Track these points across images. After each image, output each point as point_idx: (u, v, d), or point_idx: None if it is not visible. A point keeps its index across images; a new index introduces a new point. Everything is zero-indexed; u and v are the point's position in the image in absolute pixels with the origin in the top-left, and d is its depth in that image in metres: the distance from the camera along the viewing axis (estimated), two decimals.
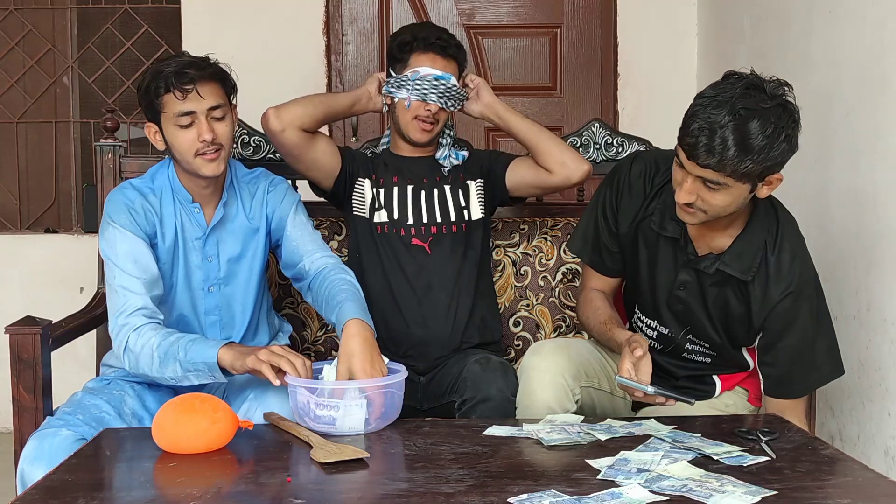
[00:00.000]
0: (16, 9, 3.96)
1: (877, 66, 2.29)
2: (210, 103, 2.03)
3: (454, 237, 2.36)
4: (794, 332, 1.93)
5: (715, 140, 1.69)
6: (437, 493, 1.44)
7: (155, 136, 2.09)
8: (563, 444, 1.67)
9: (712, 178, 1.74)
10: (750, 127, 1.69)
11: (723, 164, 1.71)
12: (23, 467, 1.86)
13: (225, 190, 2.16)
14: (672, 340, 2.05)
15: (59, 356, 2.22)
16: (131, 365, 1.99)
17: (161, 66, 2.04)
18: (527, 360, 2.01)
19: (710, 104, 1.72)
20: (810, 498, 1.42)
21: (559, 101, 3.90)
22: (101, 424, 1.93)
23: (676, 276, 1.98)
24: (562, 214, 2.61)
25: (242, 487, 1.52)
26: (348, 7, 3.84)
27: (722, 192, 1.77)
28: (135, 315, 1.99)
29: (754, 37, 3.07)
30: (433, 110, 2.28)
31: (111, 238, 2.06)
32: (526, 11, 3.88)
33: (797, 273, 1.91)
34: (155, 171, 2.17)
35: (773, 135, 1.70)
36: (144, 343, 1.96)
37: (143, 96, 2.06)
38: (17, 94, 4.01)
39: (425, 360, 2.29)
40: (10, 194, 4.02)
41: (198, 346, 1.93)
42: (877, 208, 2.29)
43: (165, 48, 3.91)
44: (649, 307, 2.06)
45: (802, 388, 1.99)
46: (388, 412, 1.81)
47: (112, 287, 2.04)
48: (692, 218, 1.85)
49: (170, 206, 2.12)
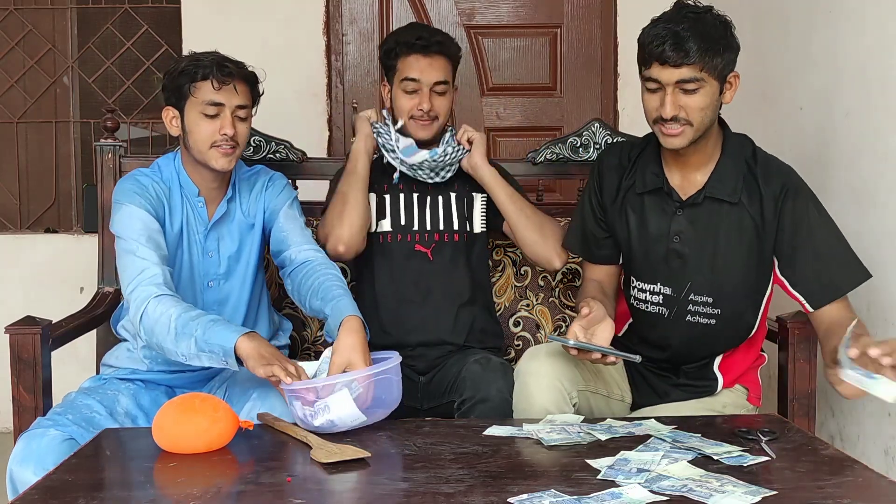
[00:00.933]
0: (16, 9, 3.95)
1: (877, 66, 2.30)
2: (239, 101, 2.07)
3: (455, 245, 2.37)
4: (809, 231, 1.93)
5: (680, 38, 1.83)
6: (437, 493, 1.44)
7: (171, 122, 2.11)
8: (563, 444, 1.67)
9: (688, 75, 1.84)
10: (705, 19, 1.86)
11: (693, 57, 1.83)
12: (11, 468, 1.86)
13: (230, 187, 2.17)
14: (675, 301, 2.01)
15: (59, 356, 2.22)
16: (146, 332, 1.94)
17: (200, 55, 2.08)
18: (523, 366, 2.00)
19: (658, 22, 1.89)
20: (810, 498, 1.42)
21: (559, 101, 3.90)
22: (92, 425, 1.92)
23: (670, 228, 1.99)
24: (562, 214, 2.60)
25: (242, 487, 1.52)
26: (348, 7, 3.84)
27: (700, 94, 1.86)
28: (155, 284, 1.96)
29: (754, 37, 3.07)
30: (425, 108, 2.28)
31: (125, 215, 2.05)
32: (526, 11, 3.88)
33: (786, 172, 1.99)
34: (162, 163, 2.18)
35: (724, 26, 1.88)
36: (164, 312, 1.91)
37: (174, 79, 2.08)
38: (17, 94, 4.01)
39: (425, 359, 2.29)
40: (10, 194, 4.02)
41: (218, 329, 1.88)
42: (877, 208, 2.29)
43: (165, 48, 3.91)
44: (647, 271, 2.04)
45: (843, 282, 1.94)
46: (388, 399, 1.80)
47: (127, 256, 2.00)
48: (681, 139, 1.90)
49: (177, 198, 2.13)
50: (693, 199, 1.98)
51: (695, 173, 1.99)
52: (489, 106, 3.89)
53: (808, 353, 2.17)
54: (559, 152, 2.62)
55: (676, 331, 2.04)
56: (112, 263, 2.57)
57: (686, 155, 1.96)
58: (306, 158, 2.63)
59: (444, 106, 2.32)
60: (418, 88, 2.30)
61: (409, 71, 2.29)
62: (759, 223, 1.95)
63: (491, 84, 3.89)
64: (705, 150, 1.97)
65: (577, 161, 2.61)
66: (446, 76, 2.32)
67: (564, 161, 2.63)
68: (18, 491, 1.81)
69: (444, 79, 2.31)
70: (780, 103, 2.85)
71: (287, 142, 2.62)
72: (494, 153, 3.81)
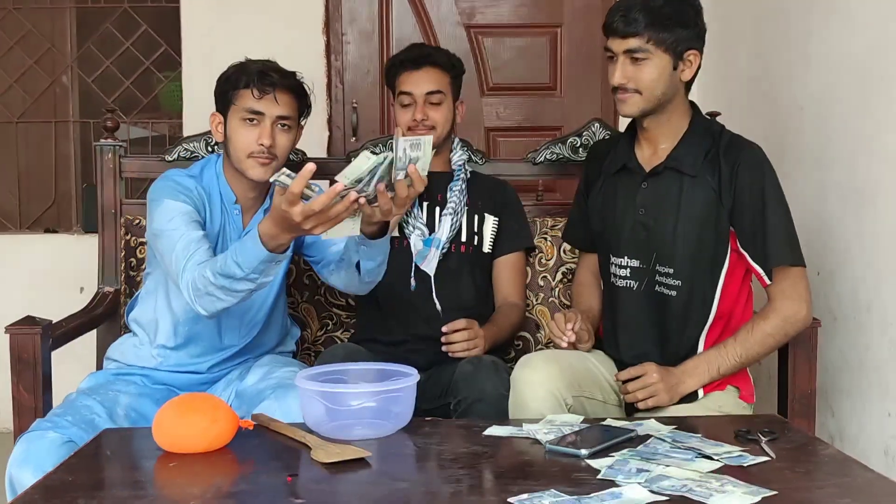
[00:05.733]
0: (15, 8, 3.95)
1: (877, 66, 2.29)
2: (281, 112, 2.06)
3: (461, 257, 2.38)
4: (763, 203, 2.01)
5: (629, 10, 1.98)
6: (437, 493, 1.44)
7: (217, 127, 2.11)
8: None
9: (634, 45, 1.98)
10: None
11: (636, 27, 1.97)
12: (10, 471, 1.85)
13: (268, 197, 2.17)
14: (644, 273, 2.10)
15: (59, 356, 2.22)
16: (202, 304, 1.90)
17: (248, 63, 2.09)
18: (518, 374, 1.99)
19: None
20: (810, 498, 1.42)
21: (559, 101, 3.90)
22: (91, 426, 1.91)
23: (636, 201, 2.11)
24: (562, 214, 2.61)
25: (242, 487, 1.52)
26: (348, 7, 3.84)
27: (648, 65, 2.00)
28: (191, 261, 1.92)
29: (754, 37, 3.07)
30: (419, 118, 2.34)
31: (162, 211, 2.01)
32: (526, 11, 3.88)
33: (748, 147, 2.07)
34: (203, 166, 2.18)
35: (680, 3, 1.99)
36: (202, 277, 1.87)
37: (222, 84, 2.10)
38: (16, 94, 4.00)
39: (425, 355, 2.29)
40: (10, 194, 4.02)
41: (243, 256, 1.80)
42: (877, 208, 2.29)
43: (165, 48, 3.91)
44: (618, 245, 2.15)
45: (786, 254, 2.02)
46: (402, 414, 1.76)
47: (167, 246, 1.96)
48: (630, 106, 2.04)
49: (217, 203, 2.13)
50: (655, 170, 2.09)
51: (660, 147, 2.11)
52: (489, 106, 3.89)
53: (808, 353, 2.18)
54: (559, 152, 2.62)
55: (647, 306, 2.10)
56: (112, 264, 2.57)
57: (650, 129, 2.10)
58: (306, 158, 2.63)
59: (440, 116, 2.36)
60: (412, 101, 2.35)
61: (403, 86, 2.37)
62: (717, 195, 2.03)
63: (491, 84, 3.89)
64: (669, 124, 2.08)
65: (577, 161, 2.60)
66: (439, 86, 2.36)
67: (564, 161, 2.63)
68: (18, 493, 1.80)
69: (437, 88, 2.35)
70: (780, 103, 2.85)
71: None
72: (494, 153, 3.81)
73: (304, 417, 1.76)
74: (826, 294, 2.51)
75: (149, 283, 2.22)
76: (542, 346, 2.52)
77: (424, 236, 2.35)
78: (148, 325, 2.18)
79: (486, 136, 3.86)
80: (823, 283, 2.52)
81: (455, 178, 2.42)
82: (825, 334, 2.34)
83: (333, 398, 1.71)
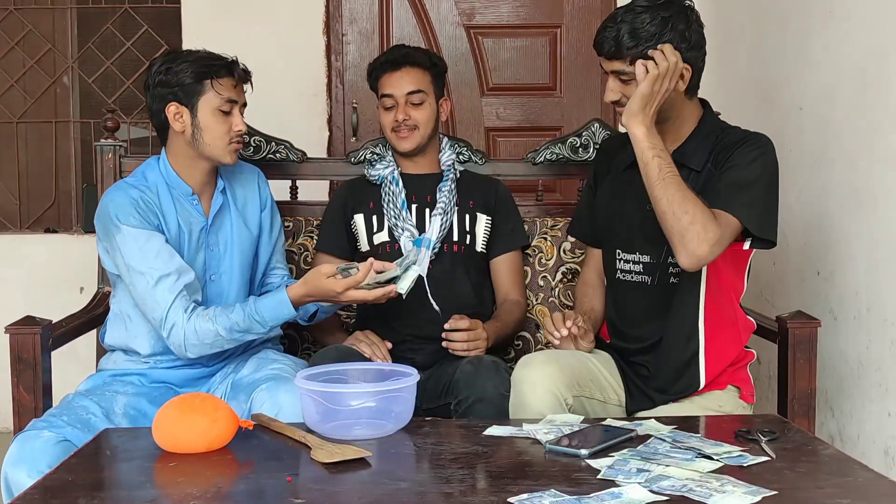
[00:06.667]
0: (16, 9, 3.95)
1: (877, 66, 2.30)
2: (244, 99, 2.16)
3: (454, 256, 2.38)
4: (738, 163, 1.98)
5: (613, 33, 1.96)
6: (437, 493, 1.44)
7: (176, 118, 2.10)
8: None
9: (618, 67, 1.98)
10: (642, 18, 1.95)
11: (620, 52, 1.95)
12: (5, 470, 1.85)
13: (219, 178, 2.20)
14: (656, 267, 2.09)
15: (59, 356, 2.22)
16: (199, 352, 2.06)
17: (212, 54, 2.13)
18: (518, 374, 1.99)
19: (616, 13, 2.00)
20: (810, 498, 1.42)
21: (559, 101, 3.90)
22: (87, 426, 1.91)
23: (645, 199, 2.05)
24: (562, 214, 2.61)
25: (242, 487, 1.52)
26: (348, 7, 3.84)
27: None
28: (175, 311, 2.02)
29: (754, 37, 3.07)
30: (400, 119, 2.35)
31: (124, 242, 2.05)
32: (526, 11, 3.88)
33: (752, 134, 2.05)
34: (145, 169, 2.18)
35: (662, 24, 1.94)
36: (206, 331, 2.02)
37: (179, 75, 2.09)
38: (17, 94, 4.00)
39: (425, 355, 2.29)
40: (10, 194, 4.02)
41: (268, 314, 2.04)
42: (877, 208, 2.30)
43: (165, 48, 3.90)
44: (628, 241, 2.13)
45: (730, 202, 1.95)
46: (402, 414, 1.76)
47: (143, 291, 2.04)
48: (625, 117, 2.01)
49: (168, 201, 2.13)
50: None
51: (669, 146, 2.07)
52: (489, 106, 3.89)
53: (808, 353, 2.17)
54: (559, 152, 2.62)
55: (659, 298, 2.08)
56: None
57: (660, 132, 2.05)
58: (306, 158, 2.63)
59: (423, 116, 2.37)
60: (394, 103, 2.36)
61: (384, 88, 2.38)
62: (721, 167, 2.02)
63: (491, 84, 3.89)
64: (674, 128, 2.07)
65: (577, 161, 2.61)
66: (419, 86, 2.36)
67: (564, 161, 2.63)
68: (13, 492, 1.81)
69: (417, 88, 2.36)
70: (780, 103, 2.85)
71: (287, 142, 2.62)
72: (494, 153, 3.81)
73: (304, 417, 1.76)
74: (826, 294, 2.51)
75: (115, 306, 2.20)
76: (542, 346, 2.52)
77: (414, 237, 2.35)
78: (127, 344, 2.17)
79: (486, 137, 3.86)
80: (823, 283, 2.52)
81: (444, 178, 2.42)
82: (825, 334, 2.34)
83: (333, 398, 1.71)
